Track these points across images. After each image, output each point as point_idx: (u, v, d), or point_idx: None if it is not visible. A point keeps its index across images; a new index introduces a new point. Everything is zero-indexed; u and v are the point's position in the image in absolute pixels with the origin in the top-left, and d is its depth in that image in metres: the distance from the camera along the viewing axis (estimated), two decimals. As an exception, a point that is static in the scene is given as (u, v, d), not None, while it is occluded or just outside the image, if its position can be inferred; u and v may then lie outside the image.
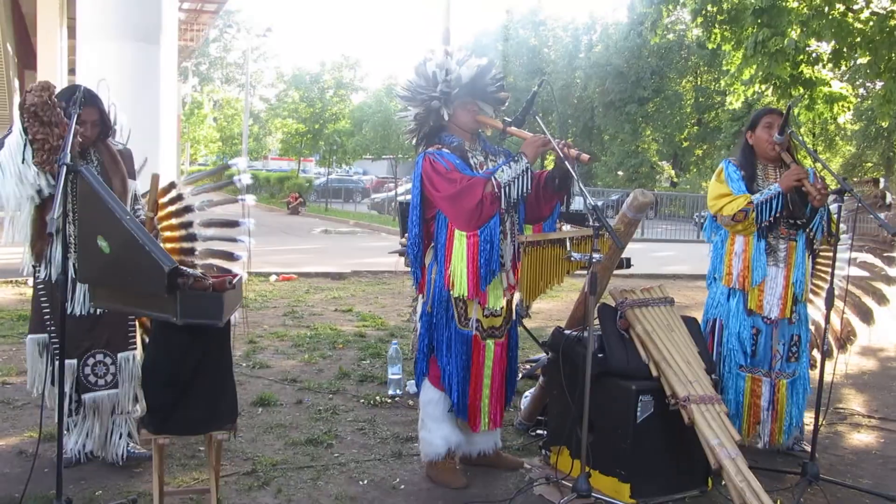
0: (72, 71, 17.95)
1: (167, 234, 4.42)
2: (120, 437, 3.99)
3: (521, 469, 4.19)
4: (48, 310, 3.81)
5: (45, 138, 3.55)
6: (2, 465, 3.95)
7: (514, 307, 4.08)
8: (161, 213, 4.35)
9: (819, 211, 4.28)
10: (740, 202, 4.26)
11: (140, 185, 4.23)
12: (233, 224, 4.49)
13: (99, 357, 3.86)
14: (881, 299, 5.14)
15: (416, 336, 4.41)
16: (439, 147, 3.92)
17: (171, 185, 4.42)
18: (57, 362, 3.73)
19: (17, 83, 21.94)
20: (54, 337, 3.78)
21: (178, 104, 26.53)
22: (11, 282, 9.61)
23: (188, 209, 4.44)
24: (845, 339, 5.11)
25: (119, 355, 3.91)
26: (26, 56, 22.66)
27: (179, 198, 4.42)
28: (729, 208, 4.28)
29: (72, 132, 3.16)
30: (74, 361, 3.79)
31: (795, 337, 4.45)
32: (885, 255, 5.08)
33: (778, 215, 4.25)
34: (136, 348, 3.97)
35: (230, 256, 4.52)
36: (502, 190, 3.71)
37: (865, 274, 5.15)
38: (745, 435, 4.43)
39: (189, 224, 4.42)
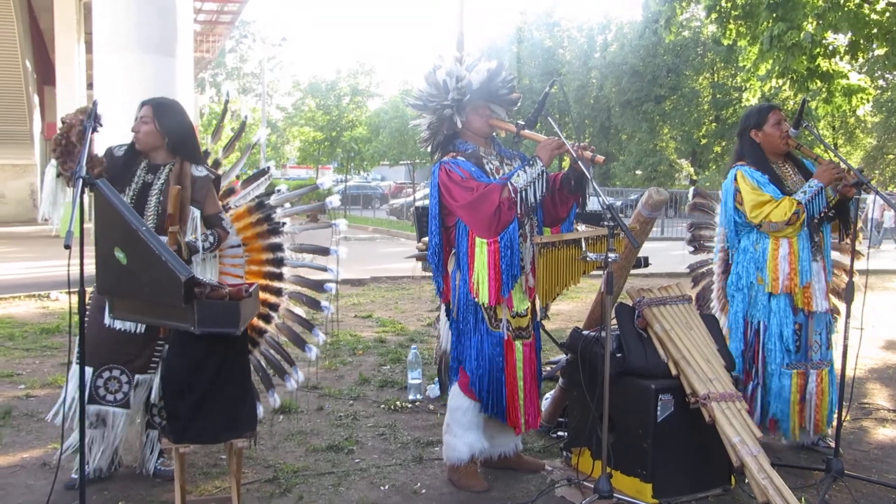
0: (90, 85, 18.12)
1: (253, 255, 4.36)
2: (151, 452, 4.00)
3: (542, 471, 4.18)
4: (87, 315, 3.73)
5: (59, 155, 3.63)
6: (26, 477, 3.99)
7: (537, 307, 4.07)
8: (247, 234, 4.31)
9: (850, 202, 4.29)
10: (786, 206, 4.19)
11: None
12: (324, 252, 4.41)
13: (115, 373, 3.81)
14: None
15: (439, 343, 4.43)
16: (454, 155, 3.92)
17: (260, 205, 4.34)
18: (74, 365, 3.74)
19: (36, 99, 22.17)
20: (79, 340, 3.78)
21: (196, 115, 26.71)
22: (34, 296, 9.71)
23: (276, 231, 4.35)
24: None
25: (137, 376, 3.85)
26: (45, 72, 22.91)
27: (268, 218, 4.33)
28: (777, 214, 4.20)
29: (87, 146, 3.18)
30: (90, 370, 3.72)
31: (827, 325, 4.45)
32: None
33: (824, 210, 4.24)
34: (155, 372, 3.90)
35: (320, 287, 4.44)
36: (519, 195, 3.70)
37: None
38: (794, 433, 4.41)
39: (278, 247, 4.34)
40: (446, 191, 3.83)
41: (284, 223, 4.39)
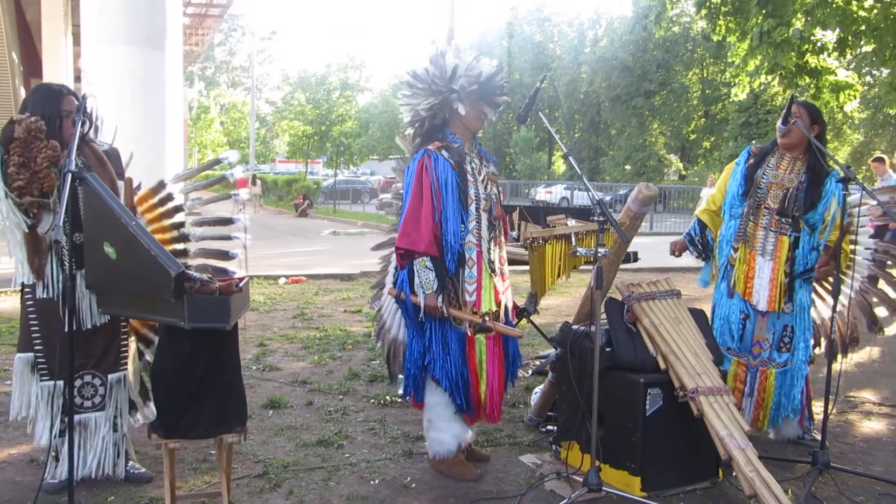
0: (77, 78, 18.02)
1: (158, 236, 4.15)
2: (118, 457, 3.86)
3: (486, 462, 4.20)
4: (37, 328, 3.68)
5: (25, 185, 3.45)
6: (14, 473, 3.97)
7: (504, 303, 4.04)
8: (151, 215, 4.16)
9: (819, 210, 4.30)
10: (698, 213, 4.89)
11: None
12: (226, 221, 4.30)
13: (87, 378, 3.75)
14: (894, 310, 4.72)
15: (385, 330, 4.49)
16: (439, 146, 3.88)
17: (161, 185, 4.20)
18: (44, 382, 3.68)
19: (23, 91, 21.99)
20: (40, 356, 3.67)
21: (185, 109, 26.60)
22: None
23: (179, 209, 4.22)
24: (849, 342, 4.73)
25: (109, 376, 3.79)
26: (32, 64, 22.70)
27: (169, 198, 4.20)
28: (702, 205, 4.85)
29: (76, 139, 3.14)
30: (61, 383, 3.58)
31: (788, 327, 4.45)
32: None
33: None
34: (126, 369, 3.86)
35: (225, 255, 4.31)
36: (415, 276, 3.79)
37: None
38: None
39: (181, 224, 4.21)
40: (417, 180, 3.81)
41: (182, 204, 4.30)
